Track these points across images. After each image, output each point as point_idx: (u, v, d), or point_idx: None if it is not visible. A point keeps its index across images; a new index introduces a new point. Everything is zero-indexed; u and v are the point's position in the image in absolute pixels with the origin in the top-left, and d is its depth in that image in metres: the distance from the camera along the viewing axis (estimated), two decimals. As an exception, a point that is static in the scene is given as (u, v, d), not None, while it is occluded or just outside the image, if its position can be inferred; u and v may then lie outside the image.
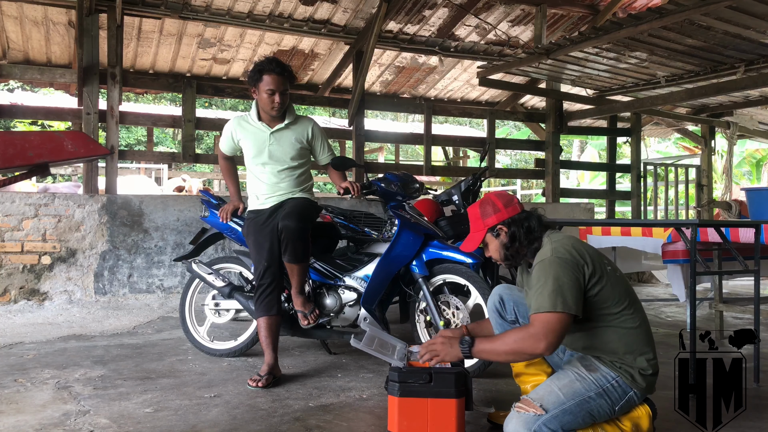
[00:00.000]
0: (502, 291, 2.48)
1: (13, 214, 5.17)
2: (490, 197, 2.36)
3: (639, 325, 2.13)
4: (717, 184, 9.63)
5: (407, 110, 9.25)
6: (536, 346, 1.99)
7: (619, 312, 2.11)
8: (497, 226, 2.28)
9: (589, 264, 2.10)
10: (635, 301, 2.17)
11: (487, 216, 2.30)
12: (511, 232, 2.26)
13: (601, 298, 2.10)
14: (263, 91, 3.24)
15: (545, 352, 2.00)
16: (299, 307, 3.38)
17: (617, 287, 2.13)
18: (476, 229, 2.35)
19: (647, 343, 2.14)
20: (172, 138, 18.15)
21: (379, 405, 2.79)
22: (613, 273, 2.16)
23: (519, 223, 2.26)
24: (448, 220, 3.79)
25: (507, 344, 2.04)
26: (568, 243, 2.16)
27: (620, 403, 2.09)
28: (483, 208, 2.32)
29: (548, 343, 1.98)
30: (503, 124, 17.53)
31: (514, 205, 2.31)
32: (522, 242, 2.24)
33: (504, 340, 2.07)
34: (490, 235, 2.31)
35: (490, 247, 2.34)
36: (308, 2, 6.59)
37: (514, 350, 2.04)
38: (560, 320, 1.99)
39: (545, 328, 1.99)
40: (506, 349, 2.05)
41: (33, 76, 7.11)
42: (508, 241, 2.27)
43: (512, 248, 2.26)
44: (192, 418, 2.60)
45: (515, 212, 2.29)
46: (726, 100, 7.83)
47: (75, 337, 4.21)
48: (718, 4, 4.21)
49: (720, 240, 3.52)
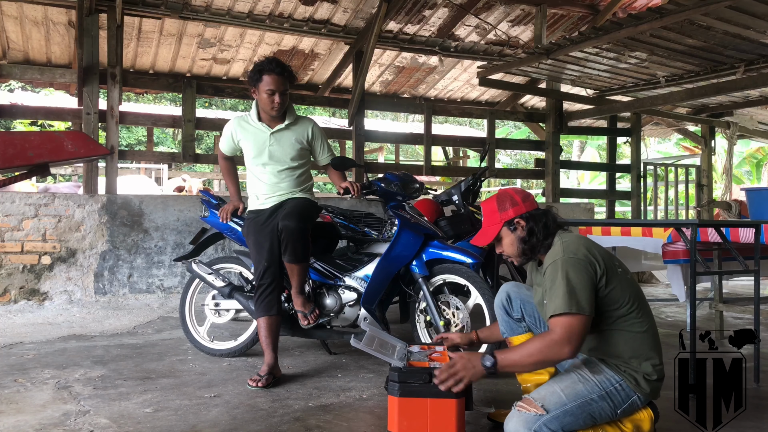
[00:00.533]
0: (510, 289, 2.48)
1: (13, 214, 5.17)
2: (507, 191, 2.31)
3: (646, 330, 2.12)
4: (717, 184, 9.63)
5: (407, 110, 9.26)
6: (561, 351, 1.98)
7: (627, 315, 2.09)
8: (515, 219, 2.24)
9: (600, 264, 2.08)
10: (644, 305, 2.16)
11: (504, 209, 2.26)
12: (529, 226, 2.23)
13: (611, 299, 2.08)
14: (263, 91, 3.24)
15: (570, 356, 2.00)
16: (299, 307, 3.38)
17: (627, 289, 2.11)
18: (491, 223, 2.29)
19: (654, 348, 2.12)
20: (172, 138, 18.14)
21: (379, 405, 2.79)
22: (624, 275, 2.15)
23: (537, 219, 2.24)
24: (448, 220, 3.79)
25: (532, 355, 2.01)
26: (579, 242, 2.14)
27: (623, 407, 2.08)
28: (500, 202, 2.28)
29: (572, 347, 1.97)
30: (503, 124, 17.52)
31: (531, 200, 2.29)
32: (539, 238, 2.21)
33: (528, 350, 2.03)
34: (506, 229, 2.27)
35: (504, 241, 2.29)
36: (308, 2, 6.59)
37: (540, 360, 2.03)
38: (580, 322, 1.98)
39: (567, 333, 1.97)
40: (532, 361, 2.03)
41: (33, 76, 7.11)
42: (525, 235, 2.23)
43: (529, 243, 2.23)
44: (192, 418, 2.60)
45: (533, 207, 2.27)
46: (726, 100, 7.83)
47: (75, 337, 4.21)
48: (718, 4, 4.21)
49: (720, 240, 3.52)
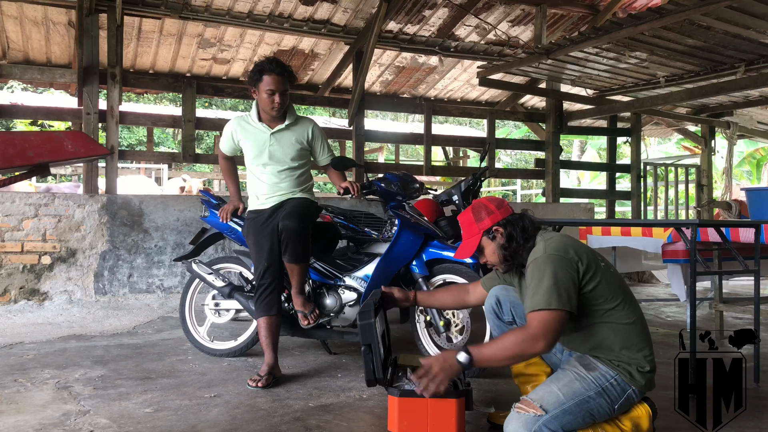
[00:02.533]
0: (498, 292, 2.48)
1: (13, 214, 5.17)
2: (481, 201, 2.35)
3: (634, 321, 2.14)
4: (717, 184, 9.63)
5: (407, 110, 9.26)
6: (535, 346, 2.00)
7: (614, 308, 2.12)
8: (492, 227, 2.27)
9: (583, 260, 2.11)
10: (630, 298, 2.18)
11: (481, 219, 2.29)
12: (508, 232, 2.25)
13: (596, 294, 2.10)
14: (263, 91, 3.24)
15: (544, 350, 2.02)
16: (299, 307, 3.38)
17: (612, 284, 2.14)
18: (470, 234, 2.33)
19: (644, 338, 2.15)
20: (172, 138, 18.14)
21: (379, 405, 2.79)
22: (607, 269, 2.17)
23: (514, 224, 2.26)
24: (448, 220, 3.79)
25: (507, 349, 2.03)
26: (560, 241, 2.17)
27: (620, 401, 2.09)
28: (476, 213, 2.32)
29: (546, 342, 1.99)
30: (503, 124, 17.52)
31: (506, 206, 2.33)
32: (519, 242, 2.24)
33: (503, 344, 2.05)
34: (486, 239, 2.30)
35: (486, 251, 2.32)
36: (308, 2, 6.59)
37: (515, 354, 2.05)
38: (556, 318, 2.00)
39: (543, 327, 1.99)
40: (507, 355, 2.05)
41: (33, 76, 7.10)
42: (505, 241, 2.26)
43: (510, 249, 2.25)
44: (192, 418, 2.60)
45: (508, 213, 2.30)
46: (726, 100, 7.83)
47: (75, 337, 4.21)
48: (718, 4, 4.21)
49: (720, 240, 3.52)
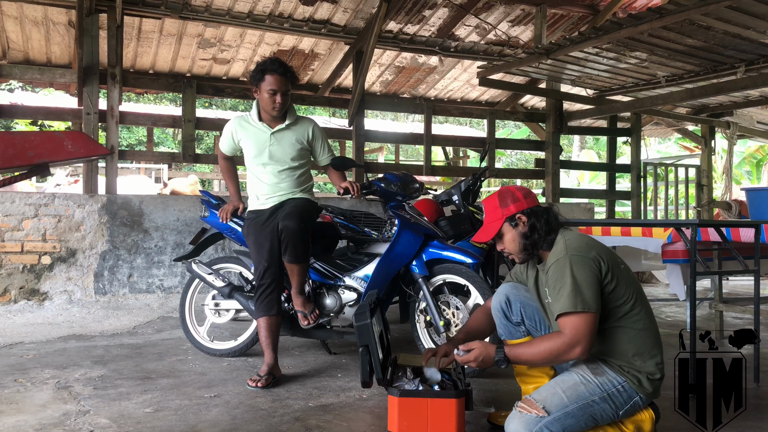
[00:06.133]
0: (508, 290, 2.41)
1: (13, 214, 5.17)
2: (509, 188, 2.32)
3: (648, 327, 2.12)
4: (717, 184, 9.63)
5: (407, 110, 9.25)
6: (572, 352, 2.00)
7: (631, 311, 2.10)
8: (516, 215, 2.24)
9: (605, 260, 2.09)
10: (645, 302, 2.16)
11: (506, 205, 2.26)
12: (531, 222, 2.22)
13: (616, 296, 2.08)
14: (265, 90, 3.24)
15: (582, 355, 2.02)
16: (299, 307, 3.38)
17: (630, 285, 2.12)
18: (493, 219, 2.28)
19: (656, 345, 2.13)
20: (172, 138, 18.14)
21: (379, 405, 2.79)
22: (626, 271, 2.15)
23: (538, 215, 2.23)
24: (448, 220, 3.79)
25: (542, 355, 2.05)
26: (582, 240, 2.15)
27: (625, 408, 2.08)
28: (502, 198, 2.28)
29: (582, 347, 1.99)
30: (504, 124, 17.52)
31: (533, 197, 2.30)
32: (540, 234, 2.21)
33: (538, 350, 2.06)
34: (508, 225, 2.26)
35: (505, 237, 2.28)
36: (308, 2, 6.59)
37: (551, 361, 2.08)
38: (587, 321, 1.99)
39: (576, 333, 1.99)
40: (542, 361, 2.08)
41: (33, 76, 7.10)
42: (527, 230, 2.23)
43: (530, 239, 2.22)
44: (192, 418, 2.60)
45: (534, 203, 2.27)
46: (726, 100, 7.83)
47: (75, 337, 4.21)
48: (718, 4, 4.21)
49: (720, 240, 3.52)
